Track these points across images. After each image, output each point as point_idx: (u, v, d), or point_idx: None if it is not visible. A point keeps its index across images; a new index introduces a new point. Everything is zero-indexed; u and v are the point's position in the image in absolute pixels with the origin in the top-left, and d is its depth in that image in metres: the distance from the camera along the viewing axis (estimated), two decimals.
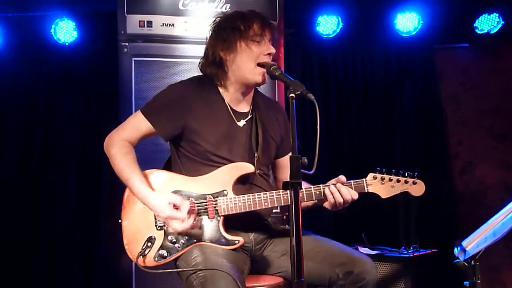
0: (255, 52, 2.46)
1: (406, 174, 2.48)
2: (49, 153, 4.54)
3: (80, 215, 4.53)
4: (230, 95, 2.56)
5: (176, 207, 2.36)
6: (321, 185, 2.43)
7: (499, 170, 5.03)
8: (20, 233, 4.43)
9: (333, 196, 2.40)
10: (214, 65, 2.53)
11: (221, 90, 2.57)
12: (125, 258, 3.29)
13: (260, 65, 2.46)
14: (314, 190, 2.43)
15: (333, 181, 2.44)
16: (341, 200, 2.39)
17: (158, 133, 2.52)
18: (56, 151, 4.55)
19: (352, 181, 2.44)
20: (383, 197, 2.47)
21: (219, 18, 2.57)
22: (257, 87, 2.64)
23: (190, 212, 2.37)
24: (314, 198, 2.44)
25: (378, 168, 2.47)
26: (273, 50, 2.49)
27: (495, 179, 5.03)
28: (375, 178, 2.46)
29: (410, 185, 2.47)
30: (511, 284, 4.90)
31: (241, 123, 2.56)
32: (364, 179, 2.46)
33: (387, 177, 2.46)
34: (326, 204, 2.47)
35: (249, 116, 2.58)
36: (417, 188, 2.48)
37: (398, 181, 2.46)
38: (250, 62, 2.47)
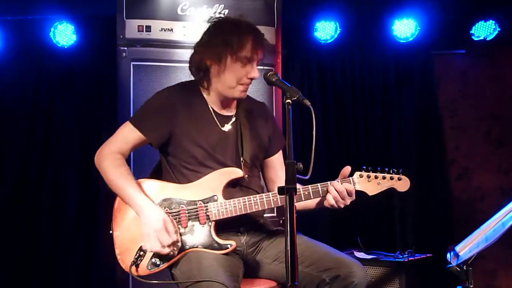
0: (239, 73, 2.45)
1: (391, 171, 2.50)
2: (48, 156, 4.55)
3: (79, 219, 4.53)
4: (212, 100, 2.57)
5: (167, 230, 2.34)
6: (318, 184, 2.45)
7: (496, 176, 5.05)
8: (20, 238, 4.43)
9: (327, 191, 2.43)
10: (199, 69, 2.53)
11: (204, 94, 2.58)
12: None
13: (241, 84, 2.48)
14: (311, 189, 2.44)
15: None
16: (336, 194, 2.40)
17: (148, 140, 2.52)
18: (55, 154, 4.56)
19: (339, 180, 2.45)
20: (370, 194, 2.49)
21: (215, 23, 2.55)
22: None
23: (172, 244, 2.35)
24: (312, 197, 2.45)
25: (364, 167, 2.49)
26: (256, 76, 2.47)
27: (492, 185, 5.05)
28: (361, 176, 2.48)
29: (395, 181, 2.49)
30: None
31: (226, 127, 2.56)
32: (351, 178, 2.47)
33: (373, 174, 2.48)
34: (326, 203, 2.47)
35: (233, 119, 2.59)
36: (402, 184, 2.50)
37: (383, 178, 2.48)
38: (232, 80, 2.46)
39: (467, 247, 2.36)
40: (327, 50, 4.96)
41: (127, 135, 2.52)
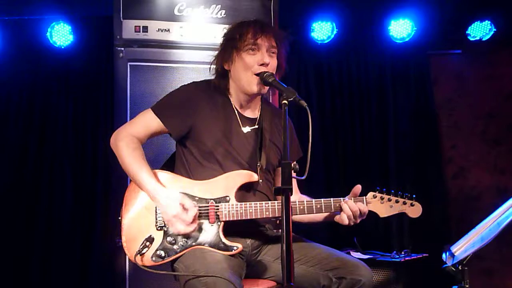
0: (249, 63, 2.49)
1: (404, 196, 2.52)
2: (45, 155, 4.55)
3: (75, 216, 4.53)
4: (236, 100, 2.61)
5: (184, 209, 2.37)
6: (331, 199, 2.47)
7: (493, 175, 5.07)
8: (17, 233, 4.44)
9: (340, 207, 2.46)
10: (220, 76, 2.61)
11: (229, 95, 2.63)
12: (118, 259, 3.28)
13: (257, 74, 2.49)
14: (324, 203, 2.47)
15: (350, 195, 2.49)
16: (350, 213, 2.43)
17: (168, 130, 2.54)
18: (52, 153, 4.56)
19: (352, 198, 2.48)
20: (381, 216, 2.52)
21: (225, 29, 2.63)
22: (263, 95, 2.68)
23: (194, 218, 2.39)
24: (323, 211, 2.47)
25: (378, 188, 2.51)
26: (267, 61, 2.49)
27: (488, 184, 5.06)
28: (374, 197, 2.51)
29: (408, 206, 2.52)
30: None
31: (246, 129, 2.59)
32: (364, 197, 2.50)
33: (386, 197, 2.51)
34: (337, 218, 2.51)
35: (256, 124, 2.62)
36: (415, 210, 2.53)
37: (396, 201, 2.51)
38: (245, 71, 2.50)
39: (463, 247, 2.37)
40: (323, 51, 4.97)
41: (148, 122, 2.54)
